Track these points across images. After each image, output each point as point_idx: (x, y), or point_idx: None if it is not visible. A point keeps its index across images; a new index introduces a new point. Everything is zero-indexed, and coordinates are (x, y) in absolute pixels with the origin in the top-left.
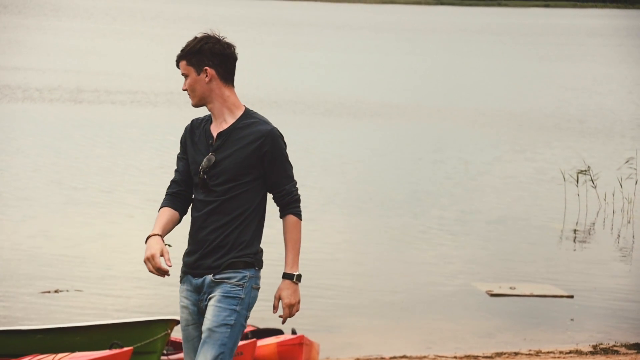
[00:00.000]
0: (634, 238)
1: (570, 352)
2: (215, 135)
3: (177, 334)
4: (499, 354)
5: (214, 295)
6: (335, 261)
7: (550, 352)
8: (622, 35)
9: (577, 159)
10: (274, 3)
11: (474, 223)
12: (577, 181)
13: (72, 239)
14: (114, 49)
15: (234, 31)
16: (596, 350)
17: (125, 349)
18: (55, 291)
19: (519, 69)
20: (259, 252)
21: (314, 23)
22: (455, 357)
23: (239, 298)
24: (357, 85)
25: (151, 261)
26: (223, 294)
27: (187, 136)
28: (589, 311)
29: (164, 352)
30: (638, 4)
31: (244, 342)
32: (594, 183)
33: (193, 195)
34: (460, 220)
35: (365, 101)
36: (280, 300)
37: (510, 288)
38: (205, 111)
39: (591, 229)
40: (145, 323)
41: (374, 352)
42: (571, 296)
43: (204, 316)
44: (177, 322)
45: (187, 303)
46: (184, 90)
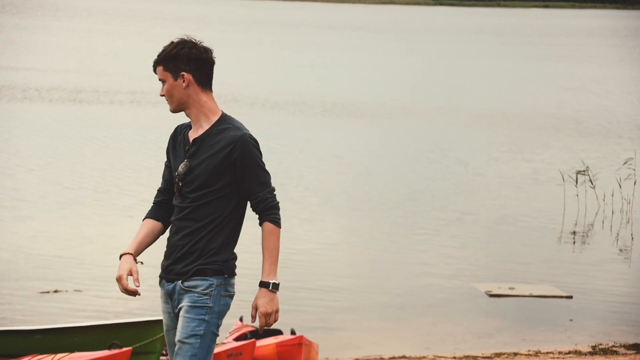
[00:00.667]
0: (633, 238)
1: (569, 353)
2: (191, 141)
3: None
4: (498, 355)
5: (182, 306)
6: (334, 261)
7: (550, 353)
8: (621, 35)
9: (576, 159)
10: (273, 3)
11: (473, 223)
12: (577, 182)
13: (72, 239)
14: (113, 49)
15: (234, 31)
16: (595, 351)
17: (124, 349)
18: (55, 291)
19: (518, 70)
20: (230, 260)
21: (314, 23)
22: (454, 358)
23: (207, 307)
24: (356, 85)
25: (119, 282)
26: (191, 304)
27: (170, 143)
28: (588, 311)
29: (163, 352)
30: (637, 5)
31: (243, 342)
32: (592, 183)
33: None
34: (459, 221)
35: (365, 102)
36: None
37: (510, 288)
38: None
39: (590, 229)
40: (144, 323)
41: (373, 353)
42: (570, 297)
43: None
44: None
45: (166, 308)
46: (162, 95)
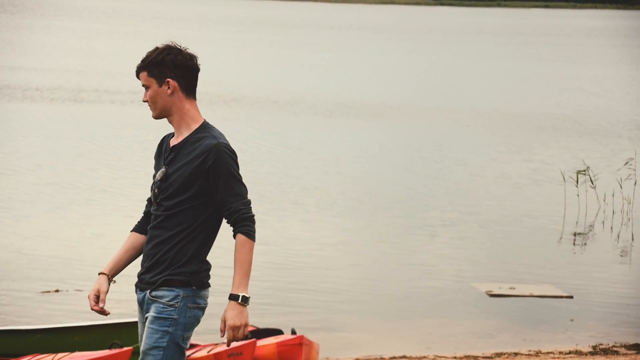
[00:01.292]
0: (634, 239)
1: (570, 353)
2: (170, 148)
3: None
4: (498, 355)
5: (148, 316)
6: (334, 261)
7: (550, 353)
8: (622, 35)
9: (575, 159)
10: (274, 3)
11: (473, 223)
12: (577, 181)
13: (72, 239)
14: (114, 49)
15: (234, 31)
16: (596, 351)
17: (124, 348)
18: (55, 291)
19: (519, 70)
20: (201, 272)
21: (314, 23)
22: (454, 358)
23: (172, 319)
24: (356, 85)
25: (89, 301)
26: (155, 315)
27: (157, 151)
28: (588, 311)
29: None
30: (637, 5)
31: (244, 342)
32: (593, 183)
33: None
34: (460, 221)
35: (365, 102)
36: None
37: (510, 288)
38: None
39: (591, 229)
40: None
41: (374, 352)
42: (571, 296)
43: None
44: None
45: (140, 317)
46: (145, 101)
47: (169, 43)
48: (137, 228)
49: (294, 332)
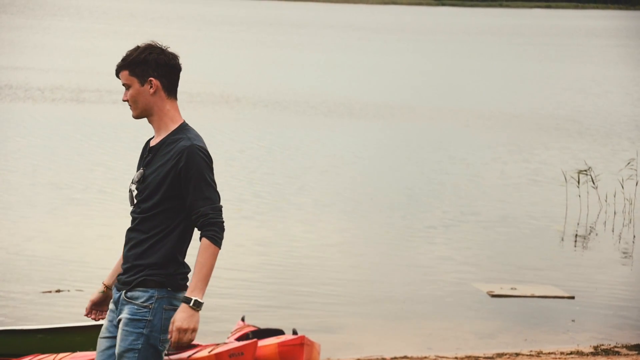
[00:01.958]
0: (635, 239)
1: (571, 353)
2: (149, 149)
3: None
4: (499, 355)
5: (121, 318)
6: (335, 262)
7: (551, 353)
8: (623, 36)
9: (576, 160)
10: (275, 3)
11: (474, 223)
12: (578, 182)
13: (74, 239)
14: (116, 49)
15: (235, 31)
16: (597, 351)
17: None
18: (57, 291)
19: (520, 70)
20: (177, 274)
21: (316, 23)
22: (456, 358)
23: (146, 320)
24: (358, 85)
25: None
26: (129, 317)
27: (141, 153)
28: (590, 312)
29: (165, 352)
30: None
31: (245, 342)
32: (594, 183)
33: None
34: (461, 221)
35: (366, 102)
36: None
37: (511, 289)
38: None
39: (592, 229)
40: None
41: (375, 353)
42: (572, 297)
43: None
44: None
45: (111, 315)
46: (124, 100)
47: (150, 42)
48: None
49: (295, 333)
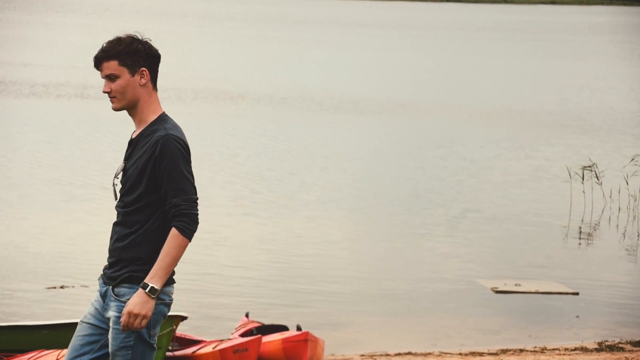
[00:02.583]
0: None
1: (575, 349)
2: (129, 142)
3: (183, 329)
4: (504, 351)
5: (111, 316)
6: (340, 258)
7: (556, 349)
8: (628, 32)
9: (580, 156)
10: (279, 0)
11: (478, 220)
12: (583, 178)
13: (78, 235)
14: None
15: (239, 28)
16: (601, 347)
17: None
18: (61, 287)
19: (524, 66)
20: None
21: (320, 20)
22: (460, 354)
23: None
24: (362, 82)
25: None
26: (118, 315)
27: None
28: (594, 308)
29: (170, 348)
30: None
31: (250, 338)
32: (598, 180)
33: None
34: (465, 217)
35: (370, 98)
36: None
37: (516, 285)
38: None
39: (596, 226)
40: None
41: (379, 349)
42: (576, 293)
43: (106, 325)
44: (183, 318)
45: (95, 304)
46: (105, 92)
47: (132, 34)
48: None
49: (299, 329)
